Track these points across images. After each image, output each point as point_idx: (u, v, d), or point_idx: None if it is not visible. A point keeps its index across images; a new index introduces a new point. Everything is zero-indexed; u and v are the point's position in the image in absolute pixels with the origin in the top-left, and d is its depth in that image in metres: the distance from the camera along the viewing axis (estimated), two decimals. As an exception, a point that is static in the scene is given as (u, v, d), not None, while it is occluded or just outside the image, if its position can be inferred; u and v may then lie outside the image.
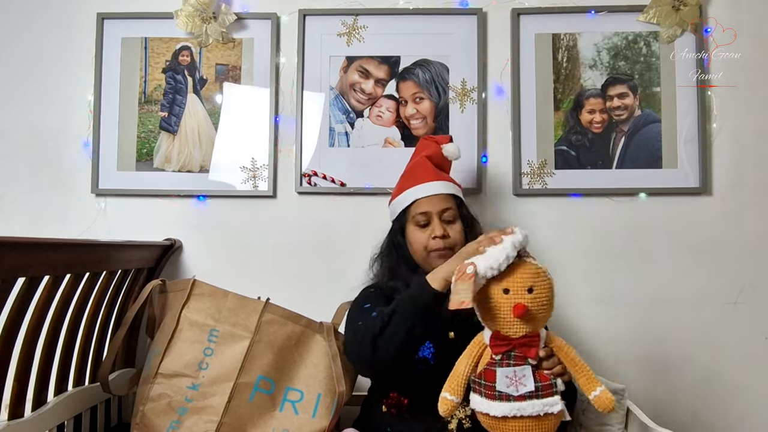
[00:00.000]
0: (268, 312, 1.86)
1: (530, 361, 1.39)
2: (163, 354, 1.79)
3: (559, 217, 2.28)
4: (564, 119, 2.30)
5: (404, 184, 1.87)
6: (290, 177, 2.34)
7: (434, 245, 1.75)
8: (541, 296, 1.39)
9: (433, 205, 1.79)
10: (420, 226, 1.79)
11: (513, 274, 1.40)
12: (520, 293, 1.38)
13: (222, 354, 1.79)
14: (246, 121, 2.36)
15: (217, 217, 2.35)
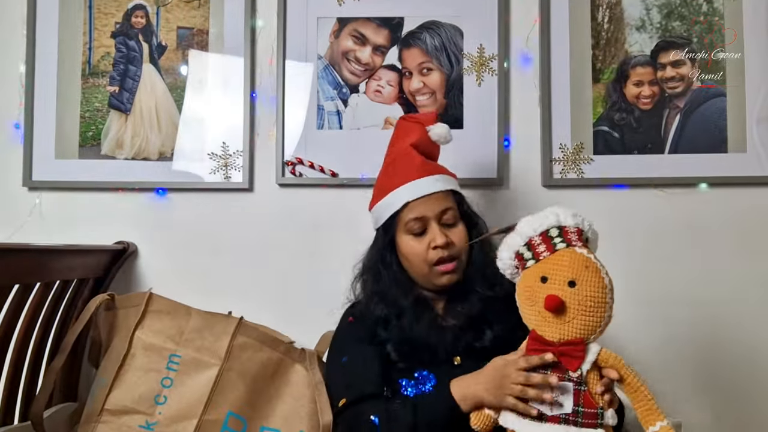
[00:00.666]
0: (242, 334, 1.85)
1: (572, 375, 1.38)
2: (111, 385, 1.76)
3: (599, 213, 2.10)
4: (605, 93, 2.28)
5: (388, 183, 1.81)
6: (270, 166, 2.32)
7: (436, 257, 1.70)
8: (584, 294, 1.39)
9: (430, 208, 1.73)
10: (415, 234, 1.73)
11: (555, 260, 1.44)
12: (558, 284, 1.41)
13: (184, 385, 1.77)
14: (215, 98, 2.35)
15: (181, 215, 2.34)
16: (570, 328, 1.40)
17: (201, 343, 1.81)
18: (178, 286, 2.20)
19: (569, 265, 1.42)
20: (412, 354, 1.66)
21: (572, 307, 1.39)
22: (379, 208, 1.81)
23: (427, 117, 1.87)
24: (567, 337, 1.40)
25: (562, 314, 1.40)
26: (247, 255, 2.32)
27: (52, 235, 2.27)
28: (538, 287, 1.44)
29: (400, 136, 1.87)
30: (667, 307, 2.23)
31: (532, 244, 1.50)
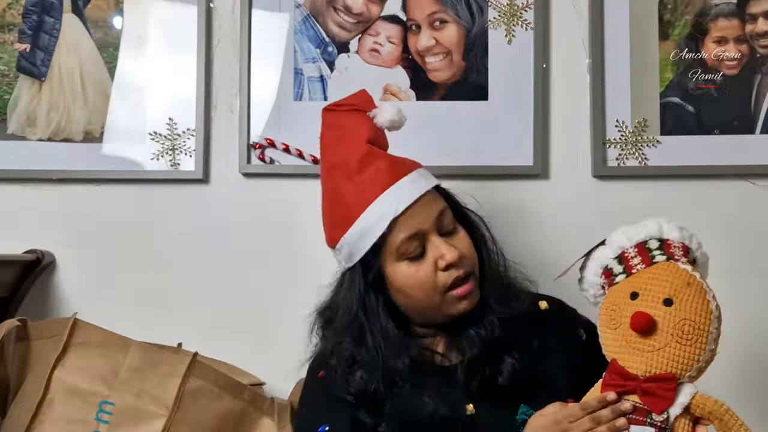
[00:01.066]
0: (196, 376, 1.86)
1: (655, 419, 1.37)
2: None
3: (667, 211, 2.12)
4: (676, 54, 2.26)
5: (352, 201, 1.72)
6: (231, 149, 2.33)
7: (450, 279, 1.65)
8: (682, 315, 1.39)
9: (424, 217, 1.66)
10: (413, 258, 1.67)
11: (650, 274, 1.46)
12: (651, 301, 1.41)
13: None
14: (160, 60, 2.35)
15: (113, 214, 2.33)
16: (659, 358, 1.39)
17: (142, 386, 1.79)
18: (109, 308, 2.21)
19: (667, 279, 1.43)
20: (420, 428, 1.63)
21: (665, 331, 1.38)
22: (350, 240, 1.72)
23: (361, 99, 1.83)
24: (654, 370, 1.39)
25: (650, 337, 1.40)
26: (201, 266, 2.31)
27: None
28: (626, 304, 1.44)
29: (340, 135, 1.80)
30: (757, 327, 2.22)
31: (625, 257, 1.52)
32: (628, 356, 1.42)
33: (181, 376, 1.81)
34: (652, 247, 1.49)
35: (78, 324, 1.86)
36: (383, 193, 1.66)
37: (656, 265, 1.46)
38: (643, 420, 1.37)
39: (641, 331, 1.38)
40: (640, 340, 1.40)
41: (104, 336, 1.87)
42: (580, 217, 2.22)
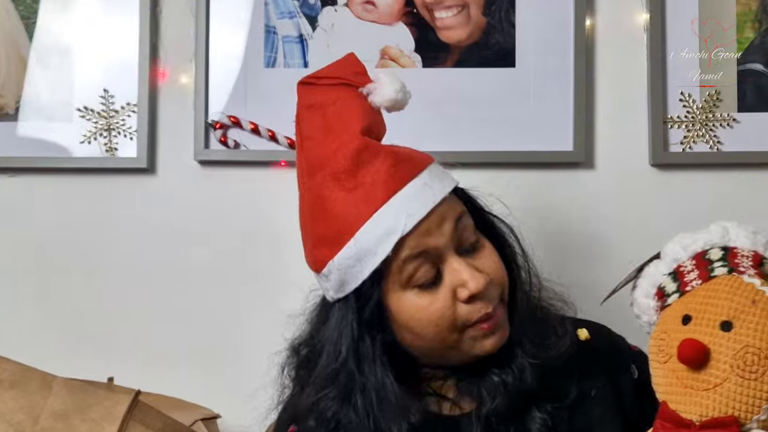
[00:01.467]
0: (138, 420, 1.83)
1: None
2: None
3: (745, 207, 2.25)
4: (758, 7, 2.28)
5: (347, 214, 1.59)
6: (184, 130, 2.34)
7: (473, 314, 1.57)
8: (744, 341, 1.33)
9: (437, 232, 1.56)
10: (426, 287, 1.59)
11: (706, 291, 1.41)
12: (705, 325, 1.36)
13: None
14: (91, 14, 2.36)
15: (31, 211, 2.37)
16: (717, 396, 1.34)
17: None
18: (26, 332, 2.23)
19: (727, 297, 1.37)
20: None
21: (722, 362, 1.32)
22: (343, 264, 1.58)
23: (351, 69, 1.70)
24: (712, 413, 1.33)
25: (704, 371, 1.35)
26: (143, 277, 2.33)
27: None
28: (676, 331, 1.40)
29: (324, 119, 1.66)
30: None
31: (681, 272, 1.48)
32: (681, 397, 1.38)
33: (118, 423, 1.78)
34: (713, 258, 1.45)
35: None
36: (387, 203, 1.55)
37: (715, 280, 1.40)
38: None
39: (691, 362, 1.33)
40: (692, 375, 1.35)
41: (21, 372, 1.84)
42: (634, 218, 2.23)
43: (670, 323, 1.42)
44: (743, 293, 1.36)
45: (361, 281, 1.57)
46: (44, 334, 2.21)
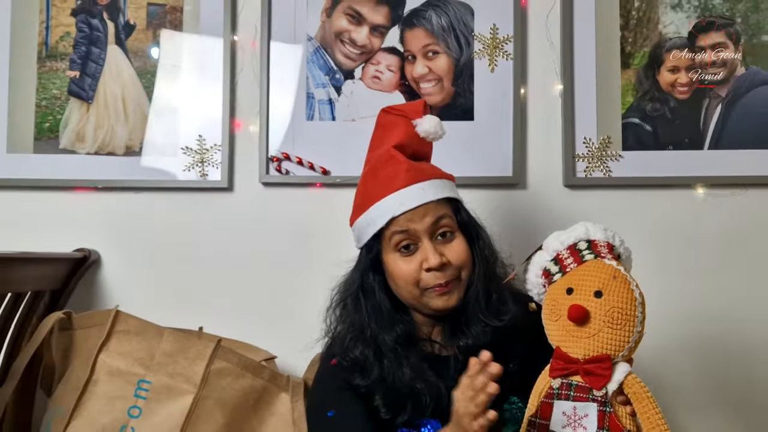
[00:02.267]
0: (220, 358, 1.86)
1: (596, 394, 1.42)
2: (71, 416, 1.76)
3: (629, 216, 2.25)
4: (635, 81, 2.28)
5: (370, 194, 1.73)
6: (252, 162, 2.31)
7: (430, 280, 1.64)
8: (611, 305, 1.43)
9: (419, 220, 1.64)
10: (404, 252, 1.66)
11: (582, 271, 1.50)
12: (583, 294, 1.46)
13: (154, 415, 1.77)
14: (191, 85, 2.33)
15: (150, 218, 2.32)
16: (595, 342, 1.43)
17: (174, 367, 1.80)
18: (146, 299, 2.24)
19: (596, 274, 1.47)
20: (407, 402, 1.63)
21: (597, 319, 1.43)
22: (360, 225, 1.74)
23: (413, 108, 1.78)
24: (592, 353, 1.44)
25: (586, 325, 1.44)
26: (226, 263, 2.31)
27: (2, 241, 2.20)
28: (563, 299, 1.48)
29: (383, 134, 1.79)
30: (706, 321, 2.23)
31: (560, 259, 1.55)
32: (569, 343, 1.47)
33: (207, 359, 1.81)
34: (581, 248, 1.53)
35: (120, 315, 1.87)
36: (391, 194, 1.65)
37: (586, 264, 1.51)
38: (586, 397, 1.42)
39: (577, 321, 1.43)
40: (577, 328, 1.44)
41: (142, 325, 1.88)
42: (552, 222, 2.13)
43: (557, 294, 1.51)
44: (607, 271, 1.47)
45: (368, 239, 1.71)
46: (157, 301, 2.21)
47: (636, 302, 1.46)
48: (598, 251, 1.53)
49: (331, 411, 1.65)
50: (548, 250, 1.58)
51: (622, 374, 1.43)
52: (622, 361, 1.46)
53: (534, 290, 1.61)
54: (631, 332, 1.44)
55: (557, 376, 1.47)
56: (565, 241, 1.55)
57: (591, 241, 1.55)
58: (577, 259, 1.53)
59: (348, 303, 1.76)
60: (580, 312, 1.42)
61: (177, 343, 1.84)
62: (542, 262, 1.58)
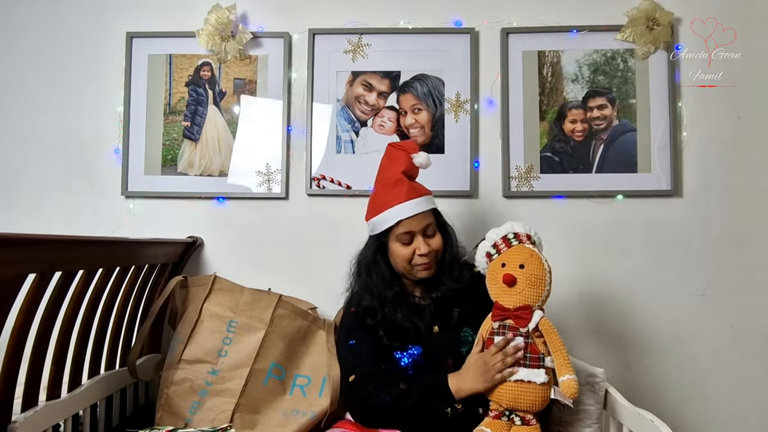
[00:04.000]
0: (281, 307, 1.89)
1: (522, 331, 1.51)
2: (186, 342, 1.81)
3: (544, 217, 2.26)
4: (548, 128, 2.28)
5: (383, 202, 1.75)
6: (301, 180, 2.32)
7: (419, 261, 1.71)
8: (530, 273, 1.53)
9: (417, 224, 1.71)
10: (404, 243, 1.72)
11: (511, 253, 1.58)
12: (512, 267, 1.55)
13: (239, 343, 1.81)
14: (261, 130, 2.34)
15: (235, 216, 2.34)
16: (521, 297, 1.54)
17: (251, 312, 1.85)
18: (233, 269, 2.22)
19: (519, 254, 1.57)
20: (400, 334, 1.68)
21: (521, 282, 1.53)
22: (375, 221, 1.76)
23: (410, 145, 1.80)
24: (519, 304, 1.53)
25: (514, 287, 1.54)
26: (285, 247, 2.31)
27: (142, 231, 2.27)
28: (499, 270, 1.57)
29: (391, 161, 1.80)
30: (593, 290, 2.26)
31: (496, 245, 1.64)
32: (504, 298, 1.56)
33: (273, 307, 1.86)
34: (510, 238, 1.63)
35: (216, 278, 1.91)
36: (399, 204, 1.70)
37: (513, 247, 1.60)
38: (516, 333, 1.52)
39: (509, 284, 1.54)
40: (509, 289, 1.55)
41: (230, 285, 1.92)
42: (494, 221, 2.19)
43: (495, 267, 1.61)
44: (527, 252, 1.58)
45: (379, 231, 1.75)
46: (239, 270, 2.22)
47: (546, 272, 1.56)
48: (521, 239, 1.62)
49: (353, 340, 1.72)
50: (489, 240, 1.66)
51: (537, 317, 1.52)
52: (538, 309, 1.54)
53: (481, 267, 1.69)
54: (543, 290, 1.55)
55: (496, 320, 1.56)
56: (499, 234, 1.64)
57: (516, 233, 1.62)
58: (507, 245, 1.60)
59: (362, 270, 1.80)
60: (511, 278, 1.53)
61: (253, 297, 1.87)
62: (485, 248, 1.66)
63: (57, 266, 1.46)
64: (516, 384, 1.48)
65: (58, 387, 1.58)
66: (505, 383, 1.49)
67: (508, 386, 1.49)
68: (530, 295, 1.54)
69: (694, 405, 2.21)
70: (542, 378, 1.46)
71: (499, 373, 1.49)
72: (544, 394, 1.48)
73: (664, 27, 2.22)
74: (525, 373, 1.47)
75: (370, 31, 2.33)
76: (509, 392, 1.49)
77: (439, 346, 1.67)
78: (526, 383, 1.47)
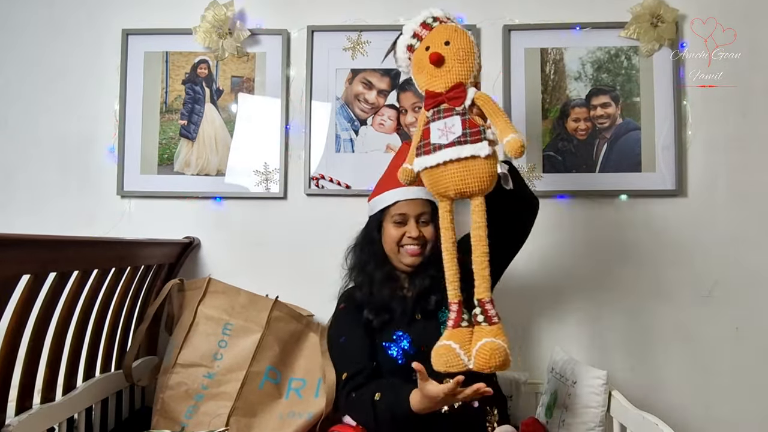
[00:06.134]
0: (277, 309, 1.92)
1: (458, 110, 1.43)
2: (181, 346, 1.83)
3: (547, 216, 2.23)
4: (551, 127, 2.28)
5: (386, 185, 1.82)
6: (299, 180, 2.32)
7: (408, 242, 1.74)
8: (457, 47, 1.46)
9: (412, 209, 1.76)
10: (397, 224, 1.76)
11: (433, 33, 1.51)
12: (437, 46, 1.47)
13: (235, 346, 1.83)
14: (259, 129, 2.34)
15: (233, 216, 2.34)
16: (451, 75, 1.45)
17: (247, 315, 1.87)
18: (231, 271, 2.23)
19: (443, 31, 1.50)
20: (382, 310, 1.71)
21: (450, 58, 1.45)
22: (375, 201, 1.82)
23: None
24: (451, 84, 1.45)
25: (443, 66, 1.46)
26: (283, 247, 2.31)
27: (138, 231, 2.27)
28: (424, 54, 1.49)
29: (401, 155, 1.80)
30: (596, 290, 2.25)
31: (416, 34, 1.56)
32: (434, 82, 1.47)
33: (269, 310, 1.88)
34: (429, 22, 1.54)
35: (211, 281, 1.93)
36: (400, 188, 1.74)
37: (435, 28, 1.52)
38: (452, 113, 1.43)
39: (437, 63, 1.45)
40: (437, 69, 1.46)
41: (226, 287, 1.94)
42: None
43: (420, 54, 1.52)
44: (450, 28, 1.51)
45: (377, 210, 1.80)
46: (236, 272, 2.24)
47: (473, 44, 1.48)
48: (440, 21, 1.54)
49: (343, 337, 1.74)
50: (407, 32, 1.57)
51: (472, 93, 1.44)
52: (471, 86, 1.47)
53: (403, 65, 1.60)
54: (473, 64, 1.47)
55: (430, 108, 1.47)
56: (418, 21, 1.55)
57: (435, 17, 1.55)
58: (428, 28, 1.54)
59: (357, 248, 1.86)
60: (438, 55, 1.44)
61: (249, 299, 1.90)
62: (405, 41, 1.57)
63: (51, 267, 1.46)
64: (460, 164, 1.40)
65: (53, 390, 1.58)
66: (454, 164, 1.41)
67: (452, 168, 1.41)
68: (461, 71, 1.45)
69: (698, 408, 2.21)
70: (486, 150, 1.38)
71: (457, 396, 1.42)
72: (491, 169, 1.40)
73: (668, 24, 2.22)
74: (469, 148, 1.38)
75: (370, 28, 2.33)
76: (455, 175, 1.41)
77: (421, 332, 1.68)
78: (471, 159, 1.39)
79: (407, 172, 1.49)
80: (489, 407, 1.64)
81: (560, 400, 1.80)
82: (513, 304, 2.14)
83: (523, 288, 2.21)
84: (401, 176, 1.51)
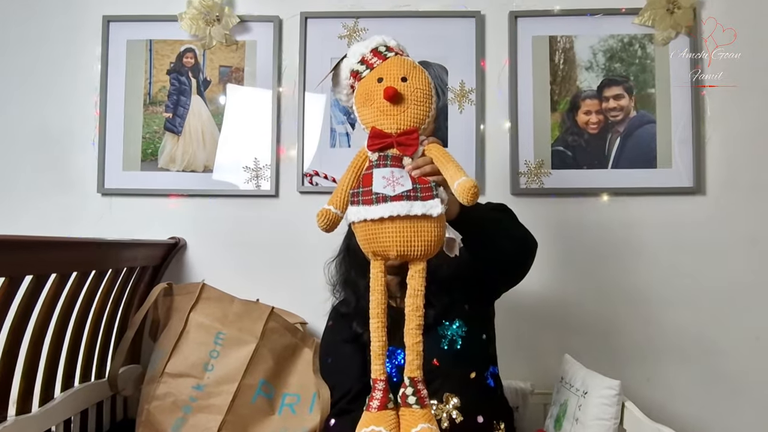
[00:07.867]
0: (272, 320, 1.92)
1: (407, 161, 1.32)
2: (170, 354, 1.83)
3: (556, 215, 2.26)
4: (561, 120, 2.28)
5: None
6: (292, 177, 2.32)
7: None
8: (415, 86, 1.33)
9: None
10: None
11: (388, 65, 1.37)
12: (393, 81, 1.34)
13: (227, 357, 1.83)
14: (249, 122, 2.34)
15: (221, 216, 2.34)
16: (405, 117, 1.33)
17: (241, 324, 1.87)
18: (218, 272, 2.25)
19: (400, 64, 1.37)
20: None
21: (407, 97, 1.32)
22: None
23: None
24: (404, 127, 1.33)
25: (399, 104, 1.33)
26: (274, 248, 2.31)
27: (120, 231, 2.26)
28: (375, 87, 1.35)
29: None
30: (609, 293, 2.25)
31: (365, 60, 1.42)
32: (384, 120, 1.33)
33: (264, 320, 1.88)
34: (382, 51, 1.40)
35: (205, 286, 1.93)
36: None
37: (389, 59, 1.38)
38: (401, 163, 1.32)
39: (392, 99, 1.31)
40: (391, 107, 1.32)
41: (219, 294, 1.94)
42: None
43: (369, 84, 1.37)
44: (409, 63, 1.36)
45: None
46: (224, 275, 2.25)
47: (431, 85, 1.36)
48: (395, 52, 1.41)
49: (329, 358, 1.74)
50: (354, 56, 1.43)
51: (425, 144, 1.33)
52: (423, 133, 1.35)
53: (344, 92, 1.49)
54: (430, 107, 1.35)
55: (375, 150, 1.34)
56: (369, 46, 1.41)
57: (388, 46, 1.42)
58: (381, 58, 1.39)
59: (338, 257, 1.81)
60: (395, 91, 1.30)
61: (243, 308, 1.90)
62: (351, 66, 1.43)
63: (27, 270, 1.46)
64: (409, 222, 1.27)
65: (29, 401, 1.57)
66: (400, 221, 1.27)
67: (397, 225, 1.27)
68: (417, 114, 1.34)
69: (716, 421, 2.21)
70: (438, 209, 1.26)
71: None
72: (439, 232, 1.29)
73: (685, 10, 2.23)
74: (419, 206, 1.26)
75: (367, 15, 2.33)
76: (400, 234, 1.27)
77: None
78: (421, 218, 1.26)
79: (330, 216, 1.34)
80: (495, 421, 1.61)
81: (570, 411, 1.79)
82: (519, 307, 2.16)
83: (530, 291, 2.20)
84: (320, 219, 1.34)
